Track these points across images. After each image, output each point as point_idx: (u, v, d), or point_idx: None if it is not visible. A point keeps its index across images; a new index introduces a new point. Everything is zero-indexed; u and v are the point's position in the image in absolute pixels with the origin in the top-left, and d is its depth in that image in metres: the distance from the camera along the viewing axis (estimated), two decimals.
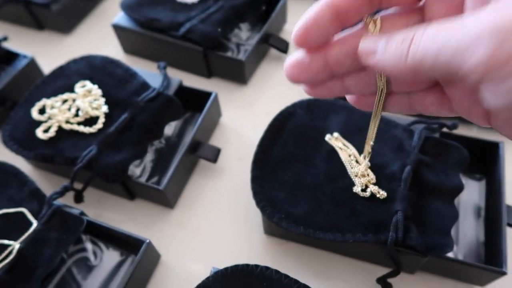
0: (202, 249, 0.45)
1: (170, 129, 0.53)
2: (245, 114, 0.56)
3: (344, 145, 0.43)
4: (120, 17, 0.60)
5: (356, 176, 0.41)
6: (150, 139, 0.46)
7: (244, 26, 0.63)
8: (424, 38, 0.19)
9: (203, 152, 0.49)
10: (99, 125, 0.47)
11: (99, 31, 0.68)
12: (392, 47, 0.21)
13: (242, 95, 0.58)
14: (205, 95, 0.51)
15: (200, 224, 0.47)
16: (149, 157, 0.50)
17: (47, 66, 0.59)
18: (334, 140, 0.43)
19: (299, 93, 0.57)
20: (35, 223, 0.39)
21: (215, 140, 0.53)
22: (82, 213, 0.41)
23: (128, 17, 0.59)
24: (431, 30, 0.19)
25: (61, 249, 0.37)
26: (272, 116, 0.46)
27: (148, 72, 0.52)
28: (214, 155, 0.49)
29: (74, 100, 0.49)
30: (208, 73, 0.59)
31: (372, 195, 0.40)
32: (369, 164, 0.41)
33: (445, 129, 0.45)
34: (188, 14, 0.57)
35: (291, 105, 0.47)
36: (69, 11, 0.66)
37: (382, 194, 0.39)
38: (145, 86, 0.50)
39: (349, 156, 0.42)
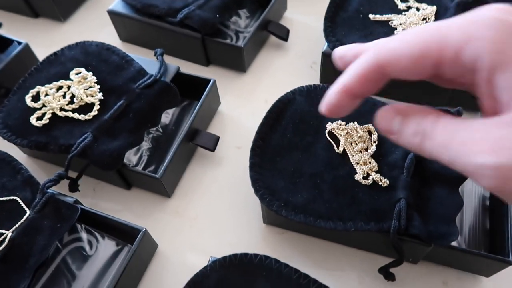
0: (200, 239, 0.44)
1: (167, 117, 0.52)
2: (244, 102, 0.55)
3: (346, 132, 0.42)
4: (116, 4, 0.59)
5: (357, 163, 0.40)
6: (146, 127, 0.45)
7: (243, 14, 0.62)
8: (436, 141, 0.21)
9: (201, 140, 0.48)
10: (94, 112, 0.45)
11: (96, 18, 0.66)
12: (405, 137, 0.23)
13: (241, 83, 0.57)
14: (204, 82, 0.50)
15: (198, 213, 0.45)
16: (145, 145, 0.49)
17: (43, 54, 0.57)
18: (336, 126, 0.42)
19: (299, 81, 0.55)
20: (28, 212, 0.38)
21: (214, 129, 0.52)
22: (76, 202, 0.40)
23: (124, 3, 0.58)
24: (440, 136, 0.21)
25: (55, 238, 0.36)
26: (271, 104, 0.45)
27: (145, 59, 0.51)
28: (212, 143, 0.48)
29: (68, 87, 0.48)
30: (206, 61, 0.58)
31: (374, 183, 0.39)
32: (371, 151, 0.40)
33: None
34: (186, 0, 0.56)
35: (291, 91, 0.46)
36: None
37: (384, 181, 0.38)
38: (141, 72, 0.49)
39: (351, 144, 0.41)
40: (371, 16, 0.52)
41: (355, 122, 0.43)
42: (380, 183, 0.38)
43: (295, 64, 0.58)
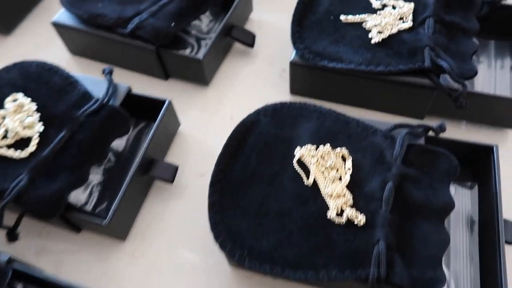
0: None
1: (121, 143, 0.47)
2: (207, 120, 0.49)
3: (317, 159, 0.37)
4: (61, 14, 0.52)
5: (330, 196, 0.35)
6: (92, 162, 0.40)
7: (205, 17, 0.56)
8: None
9: (157, 171, 0.42)
10: (32, 147, 0.40)
11: (44, 31, 0.60)
12: None
13: (204, 98, 0.51)
14: (158, 103, 0.45)
15: (156, 257, 0.40)
16: (96, 179, 0.44)
17: None
18: (305, 153, 0.37)
19: (267, 93, 0.50)
20: None
21: (173, 154, 0.47)
22: (10, 260, 0.35)
23: (70, 13, 0.52)
24: None
25: None
26: (238, 121, 0.40)
27: (93, 78, 0.45)
28: (171, 174, 0.42)
29: (4, 118, 0.42)
30: (165, 74, 0.52)
31: (349, 221, 0.34)
32: (346, 181, 0.36)
33: (431, 133, 0.39)
34: (137, 7, 0.50)
35: (254, 112, 0.41)
36: (8, 8, 0.58)
37: (360, 220, 0.33)
38: (86, 96, 0.43)
39: (322, 173, 0.36)
40: (342, 17, 0.47)
41: (328, 145, 0.38)
42: (355, 221, 0.34)
43: (263, 73, 0.53)
